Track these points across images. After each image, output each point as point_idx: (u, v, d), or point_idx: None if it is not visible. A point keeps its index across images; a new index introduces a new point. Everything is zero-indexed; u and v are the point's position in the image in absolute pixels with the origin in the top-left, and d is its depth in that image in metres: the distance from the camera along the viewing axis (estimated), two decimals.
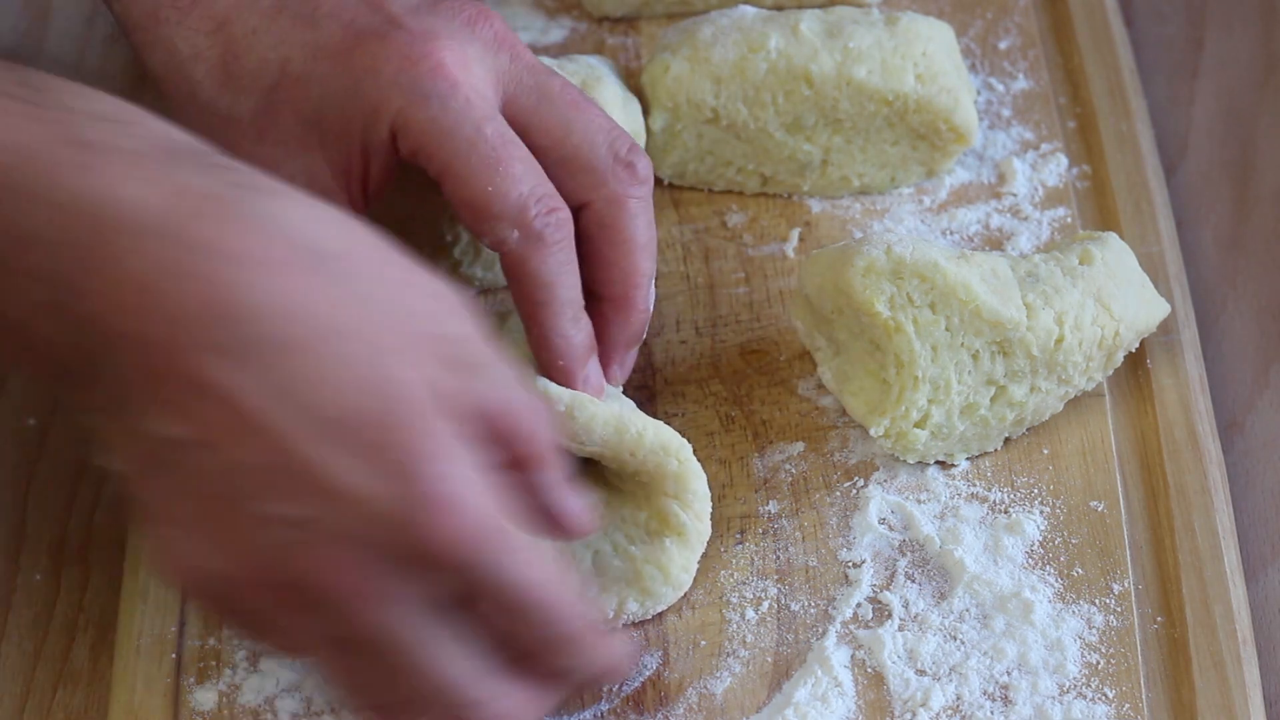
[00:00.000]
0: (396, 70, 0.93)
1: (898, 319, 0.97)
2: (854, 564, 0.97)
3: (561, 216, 0.95)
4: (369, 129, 0.94)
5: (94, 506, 1.04)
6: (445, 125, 0.93)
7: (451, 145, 0.93)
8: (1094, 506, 0.98)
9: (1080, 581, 0.95)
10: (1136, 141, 1.13)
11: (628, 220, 0.97)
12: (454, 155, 0.93)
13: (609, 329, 0.98)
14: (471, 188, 0.93)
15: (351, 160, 0.96)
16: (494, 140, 0.94)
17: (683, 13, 1.21)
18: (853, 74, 1.08)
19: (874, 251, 0.98)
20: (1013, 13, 1.20)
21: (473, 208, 0.94)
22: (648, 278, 0.98)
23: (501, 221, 0.94)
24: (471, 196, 0.94)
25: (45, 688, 0.97)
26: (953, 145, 1.11)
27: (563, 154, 0.96)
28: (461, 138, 0.93)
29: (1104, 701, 0.92)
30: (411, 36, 0.94)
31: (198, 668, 0.95)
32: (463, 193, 0.94)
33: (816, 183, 1.12)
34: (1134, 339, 1.01)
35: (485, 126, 0.94)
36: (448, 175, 0.94)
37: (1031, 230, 1.10)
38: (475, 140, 0.93)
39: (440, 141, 0.93)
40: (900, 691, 0.93)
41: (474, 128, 0.94)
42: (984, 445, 1.00)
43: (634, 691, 0.94)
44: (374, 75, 0.94)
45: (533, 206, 0.94)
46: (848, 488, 1.00)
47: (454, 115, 0.93)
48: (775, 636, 0.95)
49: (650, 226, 0.98)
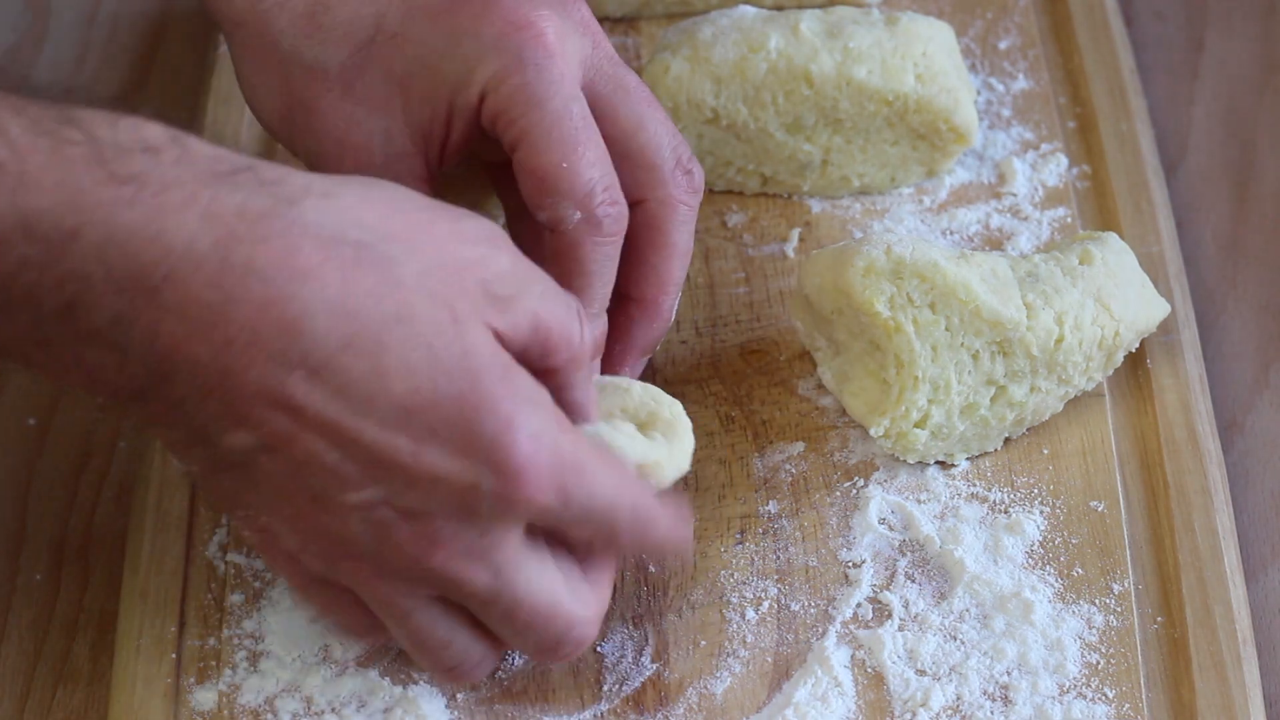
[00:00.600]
0: (498, 34, 0.94)
1: (898, 319, 0.98)
2: (854, 564, 0.97)
3: (622, 211, 0.95)
4: (459, 90, 0.94)
5: (94, 506, 1.04)
6: (537, 93, 0.93)
7: (538, 114, 0.93)
8: (1094, 506, 0.98)
9: (1080, 581, 0.95)
10: (1136, 141, 1.13)
11: (676, 225, 0.98)
12: (537, 124, 0.93)
13: (632, 330, 0.99)
14: (546, 159, 0.94)
15: (434, 123, 0.95)
16: (578, 119, 0.94)
17: (683, 13, 1.21)
18: (853, 74, 1.08)
19: (874, 251, 0.98)
20: (1013, 13, 1.20)
21: (541, 180, 0.94)
22: (678, 286, 0.99)
23: (567, 200, 0.94)
24: (543, 168, 0.94)
25: (45, 688, 0.97)
26: (953, 145, 1.11)
27: (629, 148, 0.97)
28: (549, 109, 0.93)
29: (1104, 701, 0.92)
30: (515, 2, 0.94)
31: (198, 668, 0.95)
32: (535, 162, 0.94)
33: (816, 183, 1.12)
34: (1134, 339, 1.01)
35: (573, 104, 0.94)
36: (525, 142, 0.94)
37: (1031, 230, 1.10)
38: (561, 114, 0.94)
39: (527, 109, 0.93)
40: (900, 691, 0.93)
41: (563, 102, 0.94)
42: (984, 445, 1.00)
43: (634, 691, 0.94)
44: (473, 37, 0.94)
45: (600, 194, 0.94)
46: (848, 488, 1.00)
47: (547, 85, 0.93)
48: (775, 636, 0.95)
49: (691, 237, 0.99)
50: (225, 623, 0.96)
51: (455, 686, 0.93)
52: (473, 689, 0.93)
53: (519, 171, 0.95)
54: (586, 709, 0.93)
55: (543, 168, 0.94)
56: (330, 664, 0.94)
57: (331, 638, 0.95)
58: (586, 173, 0.94)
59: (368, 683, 0.94)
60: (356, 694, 0.93)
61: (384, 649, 0.95)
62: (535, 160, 0.94)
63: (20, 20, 1.28)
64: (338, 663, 0.94)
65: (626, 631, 0.95)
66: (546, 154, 0.94)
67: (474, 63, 0.94)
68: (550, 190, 0.94)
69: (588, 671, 0.94)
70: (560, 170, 0.94)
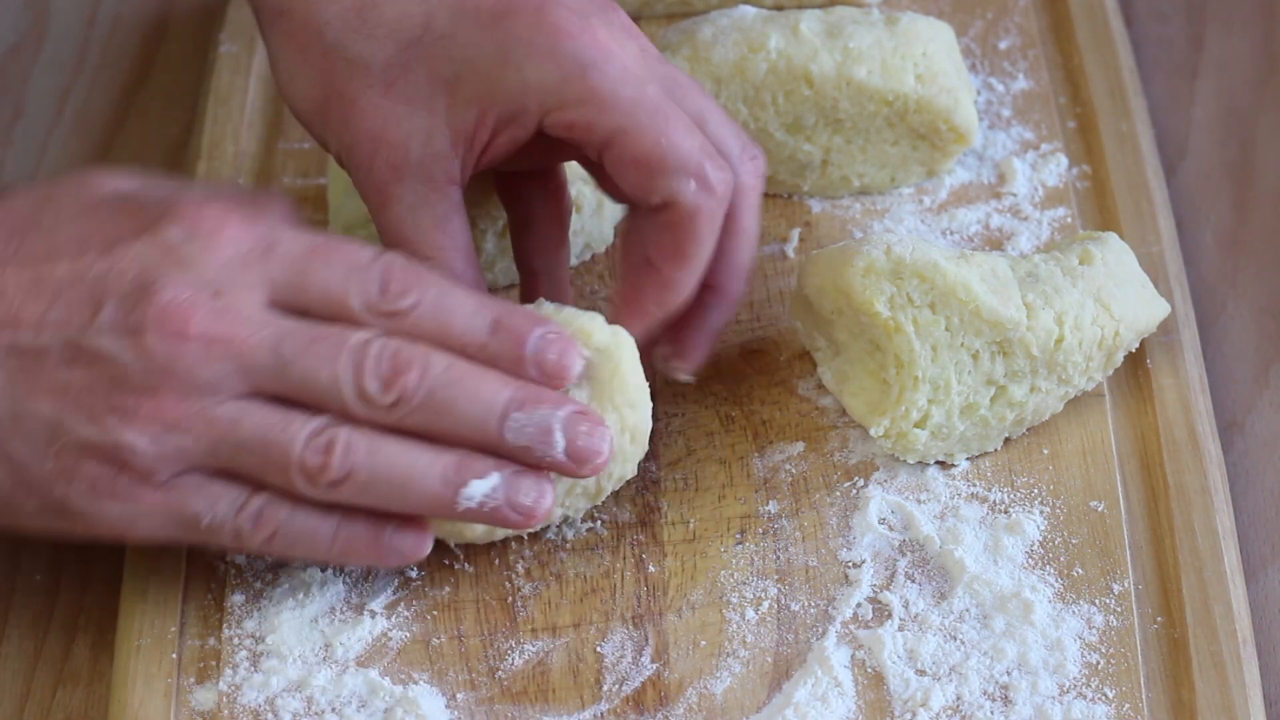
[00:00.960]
0: (551, 43, 0.94)
1: (898, 319, 0.98)
2: (854, 564, 0.97)
3: (728, 175, 0.95)
4: (512, 100, 0.94)
5: None
6: (606, 91, 0.93)
7: (616, 109, 0.93)
8: (1094, 506, 0.98)
9: (1080, 581, 0.95)
10: (1136, 141, 1.13)
11: (748, 210, 0.97)
12: (621, 117, 0.93)
13: (707, 315, 0.98)
14: (644, 143, 0.94)
15: (479, 128, 0.95)
16: (656, 97, 0.94)
17: (683, 13, 1.21)
18: (853, 74, 1.08)
19: (874, 251, 0.98)
20: (1013, 13, 1.20)
21: (646, 165, 0.94)
22: (750, 271, 0.99)
23: (678, 173, 0.94)
24: (645, 152, 0.94)
25: (45, 688, 0.97)
26: (953, 145, 1.11)
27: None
28: (625, 98, 0.93)
29: (1104, 701, 0.92)
30: (568, 11, 0.94)
31: (198, 668, 0.95)
32: (635, 150, 0.94)
33: (816, 183, 1.12)
34: (1134, 339, 1.01)
35: (647, 86, 0.94)
36: (617, 137, 0.94)
37: (1031, 230, 1.10)
38: (639, 99, 0.94)
39: (602, 109, 0.93)
40: (900, 691, 0.93)
41: (635, 88, 0.94)
42: (984, 445, 1.00)
43: (634, 691, 0.94)
44: (527, 45, 0.94)
45: (706, 158, 0.94)
46: (848, 488, 1.00)
47: (613, 80, 0.93)
48: (775, 636, 0.95)
49: (759, 222, 0.99)
50: (225, 623, 0.96)
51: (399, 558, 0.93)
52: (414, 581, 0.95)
53: (618, 170, 0.95)
54: (586, 709, 0.93)
55: (644, 154, 0.94)
56: (331, 664, 0.94)
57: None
58: (686, 143, 0.94)
59: (368, 683, 0.94)
60: (357, 694, 0.93)
61: (384, 649, 0.95)
62: (633, 150, 0.94)
63: (20, 20, 1.29)
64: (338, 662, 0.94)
65: (626, 631, 0.95)
66: (642, 139, 0.94)
67: (529, 73, 0.94)
68: (658, 171, 0.94)
69: (588, 671, 0.94)
70: (662, 148, 0.93)
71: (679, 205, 0.94)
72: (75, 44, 1.27)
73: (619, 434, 0.93)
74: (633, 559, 0.98)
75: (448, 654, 0.95)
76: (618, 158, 0.94)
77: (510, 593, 0.97)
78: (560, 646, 0.95)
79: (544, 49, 0.94)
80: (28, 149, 1.22)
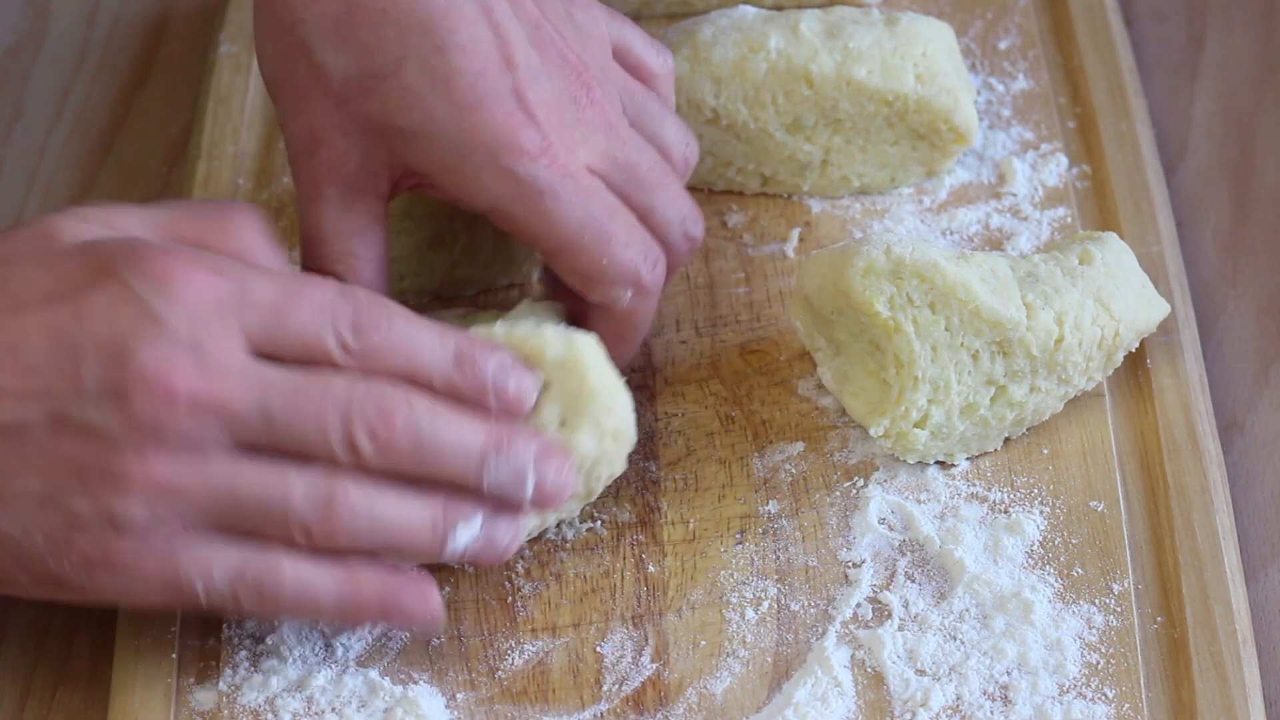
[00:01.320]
0: (513, 163, 0.94)
1: (897, 319, 0.98)
2: (854, 564, 0.97)
3: (663, 266, 0.99)
4: (464, 189, 0.95)
5: None
6: (557, 216, 0.95)
7: (564, 231, 0.96)
8: (1094, 506, 0.98)
9: (1080, 581, 0.95)
10: (1136, 141, 1.13)
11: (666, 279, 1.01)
12: (566, 239, 0.96)
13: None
14: (586, 264, 0.97)
15: (421, 183, 0.97)
16: (602, 217, 0.96)
17: (683, 13, 1.21)
18: (853, 74, 1.08)
19: (874, 252, 0.98)
20: (1013, 13, 1.20)
21: (586, 278, 0.97)
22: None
23: (616, 286, 0.97)
24: (587, 270, 0.97)
25: (45, 688, 0.97)
26: (953, 145, 1.11)
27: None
28: (573, 222, 0.95)
29: (1104, 701, 0.92)
30: (532, 128, 0.94)
31: (198, 668, 0.95)
32: (577, 265, 0.97)
33: (816, 183, 1.12)
34: (1134, 339, 1.01)
35: (592, 205, 0.96)
36: (561, 253, 0.96)
37: (1031, 230, 1.10)
38: (585, 222, 0.96)
39: (551, 227, 0.96)
40: (900, 691, 0.93)
41: (584, 210, 0.96)
42: (984, 445, 1.00)
43: (634, 691, 0.94)
44: (487, 153, 0.94)
45: (645, 270, 0.97)
46: (848, 488, 1.00)
47: (565, 206, 0.95)
48: (775, 636, 0.95)
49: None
50: (225, 623, 0.96)
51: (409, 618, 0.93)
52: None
53: (560, 270, 0.97)
54: (586, 709, 0.93)
55: (586, 271, 0.97)
56: (331, 664, 0.94)
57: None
58: (625, 257, 0.97)
59: (368, 683, 0.94)
60: (357, 694, 0.93)
61: (384, 649, 0.95)
62: (574, 265, 0.97)
63: (20, 20, 1.29)
64: (339, 662, 0.94)
65: (626, 631, 0.96)
66: (581, 259, 0.96)
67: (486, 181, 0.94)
68: (598, 285, 0.97)
69: (587, 671, 0.94)
70: (602, 268, 0.96)
71: (616, 310, 0.98)
72: (75, 44, 1.27)
73: (599, 440, 0.93)
74: (632, 559, 0.98)
75: (447, 654, 0.95)
76: (560, 265, 0.97)
77: (510, 593, 0.97)
78: (560, 646, 0.95)
79: (504, 167, 0.94)
80: (28, 149, 1.22)
